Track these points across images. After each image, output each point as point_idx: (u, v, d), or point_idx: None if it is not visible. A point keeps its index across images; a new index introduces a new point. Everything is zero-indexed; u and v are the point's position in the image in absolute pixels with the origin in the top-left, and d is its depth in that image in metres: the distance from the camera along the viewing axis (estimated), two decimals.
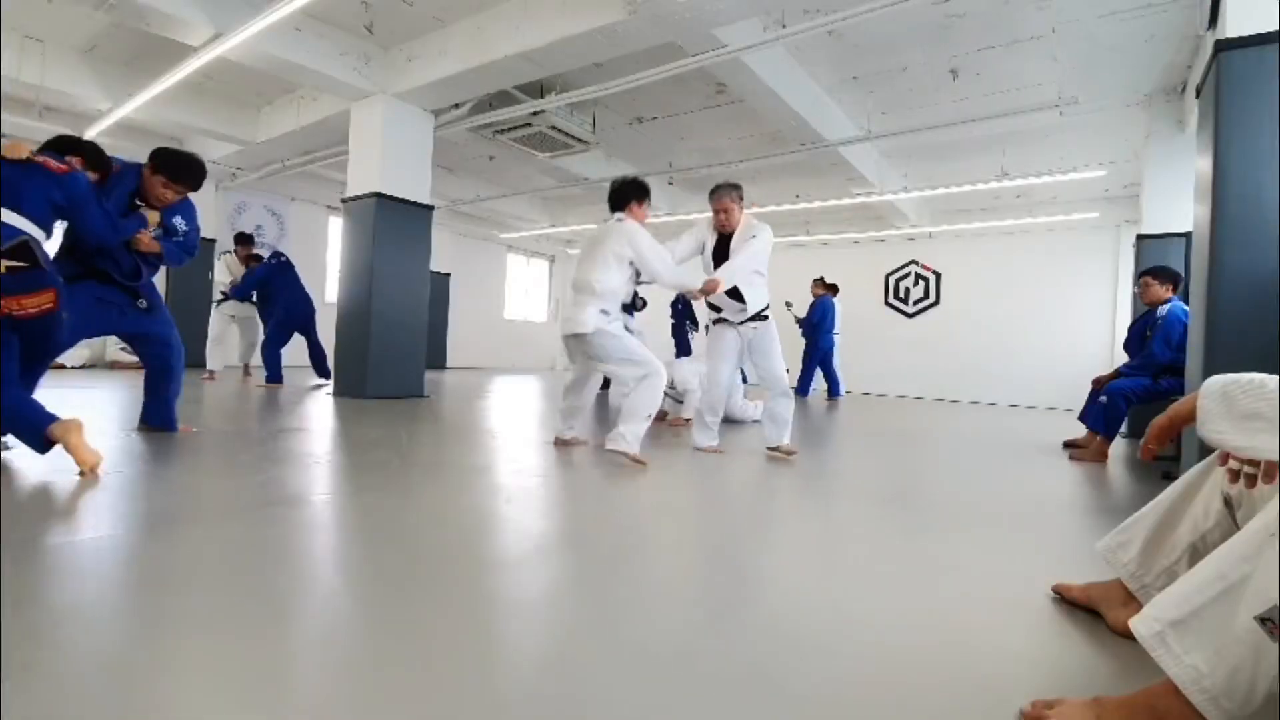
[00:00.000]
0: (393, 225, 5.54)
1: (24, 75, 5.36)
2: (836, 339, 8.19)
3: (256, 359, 6.75)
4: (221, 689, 0.92)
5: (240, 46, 4.46)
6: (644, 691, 0.97)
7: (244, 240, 6.60)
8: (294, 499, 2.03)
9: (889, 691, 1.00)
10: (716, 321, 3.43)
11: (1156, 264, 4.23)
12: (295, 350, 6.71)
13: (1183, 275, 3.99)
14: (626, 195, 3.15)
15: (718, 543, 1.86)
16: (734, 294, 3.21)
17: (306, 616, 1.18)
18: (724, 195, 3.22)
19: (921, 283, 9.88)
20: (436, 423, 4.09)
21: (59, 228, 2.51)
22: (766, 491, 2.56)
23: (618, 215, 3.14)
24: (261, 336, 6.47)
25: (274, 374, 6.21)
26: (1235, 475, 0.99)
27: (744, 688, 0.99)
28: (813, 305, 8.19)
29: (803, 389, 7.96)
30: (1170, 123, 5.38)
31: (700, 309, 4.16)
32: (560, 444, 3.29)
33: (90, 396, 4.60)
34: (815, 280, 8.40)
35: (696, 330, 6.66)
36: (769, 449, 3.31)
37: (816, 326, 8.04)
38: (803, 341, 8.15)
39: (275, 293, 6.31)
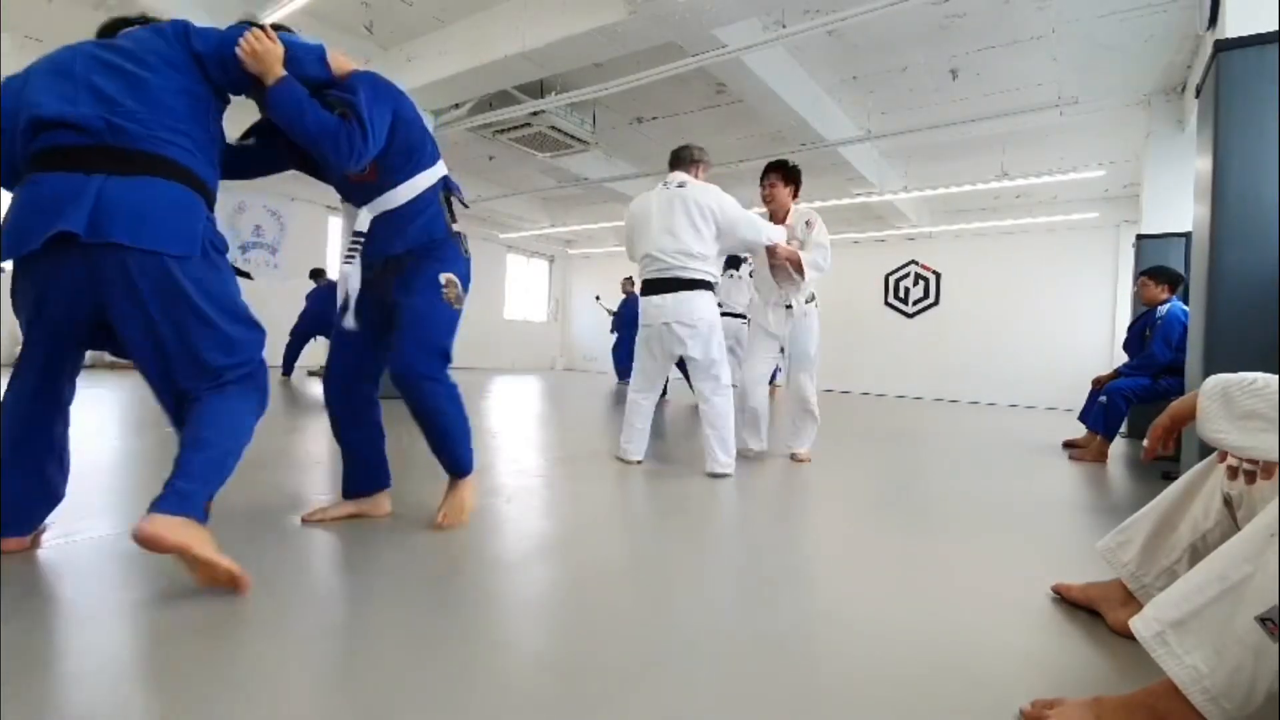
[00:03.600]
0: None
1: None
2: None
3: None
4: (220, 690, 0.92)
5: None
6: (646, 692, 0.97)
7: (317, 274, 7.50)
8: (293, 499, 2.03)
9: (889, 690, 1.00)
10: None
11: (1156, 264, 4.23)
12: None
13: (1183, 275, 3.99)
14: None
15: (719, 543, 1.86)
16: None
17: (306, 616, 1.18)
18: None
19: (921, 283, 9.87)
20: None
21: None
22: (766, 492, 2.55)
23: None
24: None
25: (287, 368, 6.97)
26: (1235, 472, 0.99)
27: (744, 688, 0.99)
28: (623, 301, 8.27)
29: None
30: (1170, 123, 5.38)
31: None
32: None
33: (87, 395, 4.59)
34: (626, 279, 8.34)
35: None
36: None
37: (631, 323, 7.95)
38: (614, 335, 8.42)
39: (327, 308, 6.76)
